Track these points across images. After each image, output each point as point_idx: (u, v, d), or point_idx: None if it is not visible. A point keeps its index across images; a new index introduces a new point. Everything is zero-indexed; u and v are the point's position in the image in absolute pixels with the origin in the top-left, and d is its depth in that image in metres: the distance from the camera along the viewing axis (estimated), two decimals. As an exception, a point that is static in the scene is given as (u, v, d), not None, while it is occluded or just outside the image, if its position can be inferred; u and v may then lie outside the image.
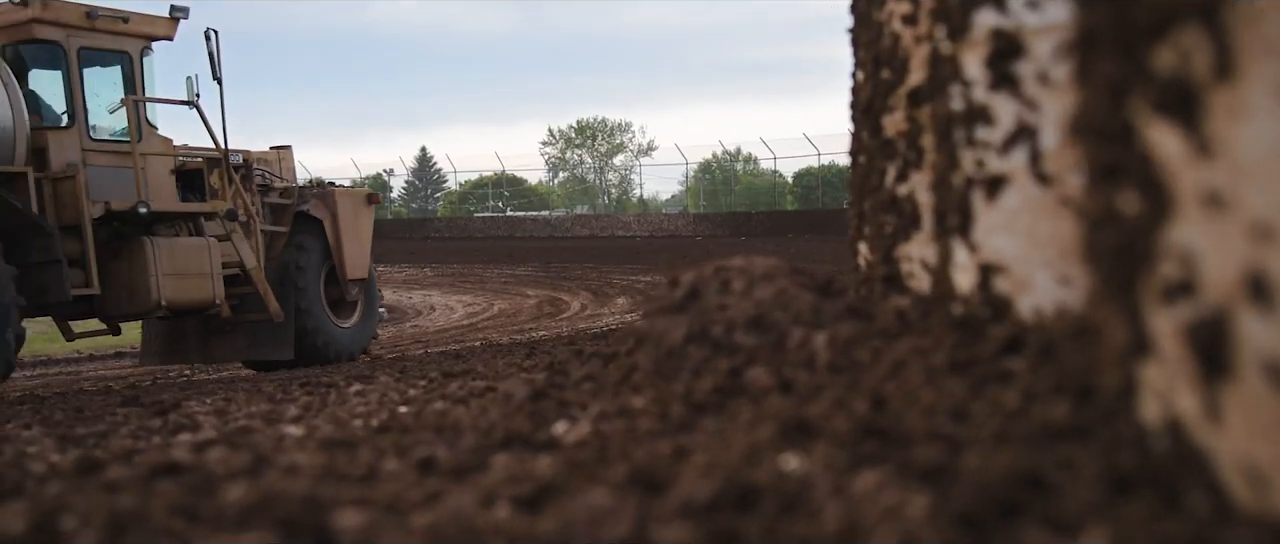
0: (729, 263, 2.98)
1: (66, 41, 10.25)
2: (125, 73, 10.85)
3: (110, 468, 2.18)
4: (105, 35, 10.53)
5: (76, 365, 18.73)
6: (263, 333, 11.77)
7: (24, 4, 9.83)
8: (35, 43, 10.12)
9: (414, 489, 1.74)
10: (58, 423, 4.75)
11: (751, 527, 1.35)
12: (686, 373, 2.69)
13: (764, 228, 47.40)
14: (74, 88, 10.33)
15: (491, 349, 12.17)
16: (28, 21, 9.91)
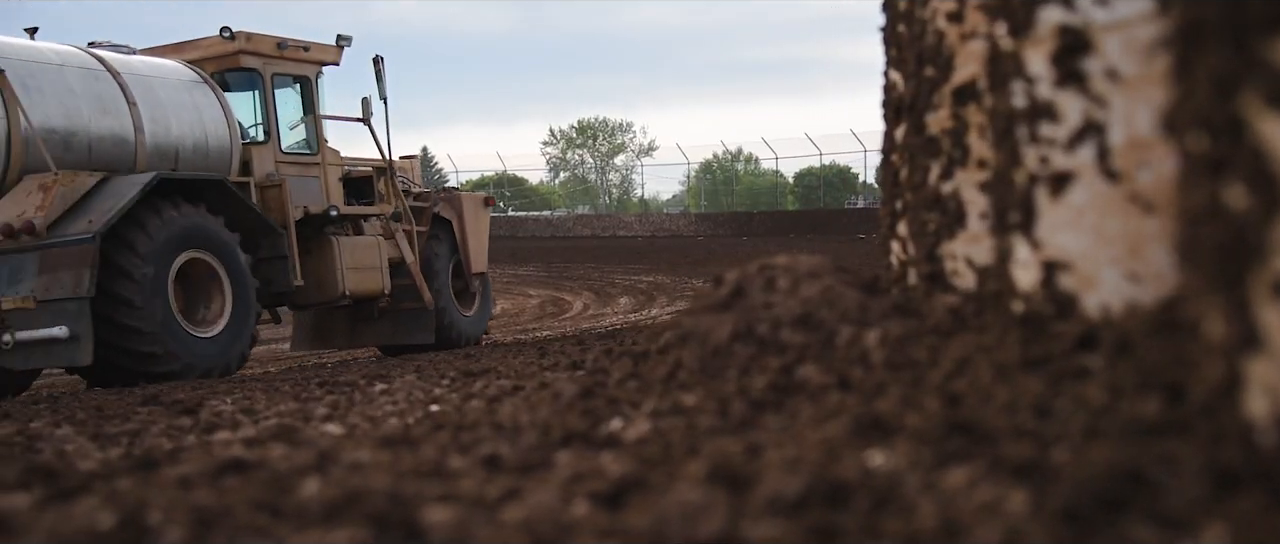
0: (773, 261, 2.98)
1: (263, 68, 11.93)
2: (304, 94, 12.51)
3: (173, 465, 2.18)
4: (291, 62, 12.21)
5: (80, 365, 18.80)
6: (407, 320, 13.15)
7: (231, 38, 11.62)
8: (238, 70, 11.82)
9: (488, 485, 1.74)
10: (83, 421, 4.74)
11: (847, 522, 1.35)
12: (734, 371, 2.69)
13: (766, 227, 47.42)
14: (269, 108, 11.99)
15: (501, 348, 12.16)
16: (235, 52, 11.70)
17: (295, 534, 1.49)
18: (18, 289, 9.10)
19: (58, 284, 8.99)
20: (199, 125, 11.02)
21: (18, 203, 9.38)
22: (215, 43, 11.71)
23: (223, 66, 11.78)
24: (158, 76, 10.94)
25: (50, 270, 9.06)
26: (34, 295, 8.97)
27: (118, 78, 10.47)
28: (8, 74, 9.48)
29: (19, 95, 9.51)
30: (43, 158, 9.51)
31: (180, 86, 11.06)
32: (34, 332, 8.94)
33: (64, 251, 9.07)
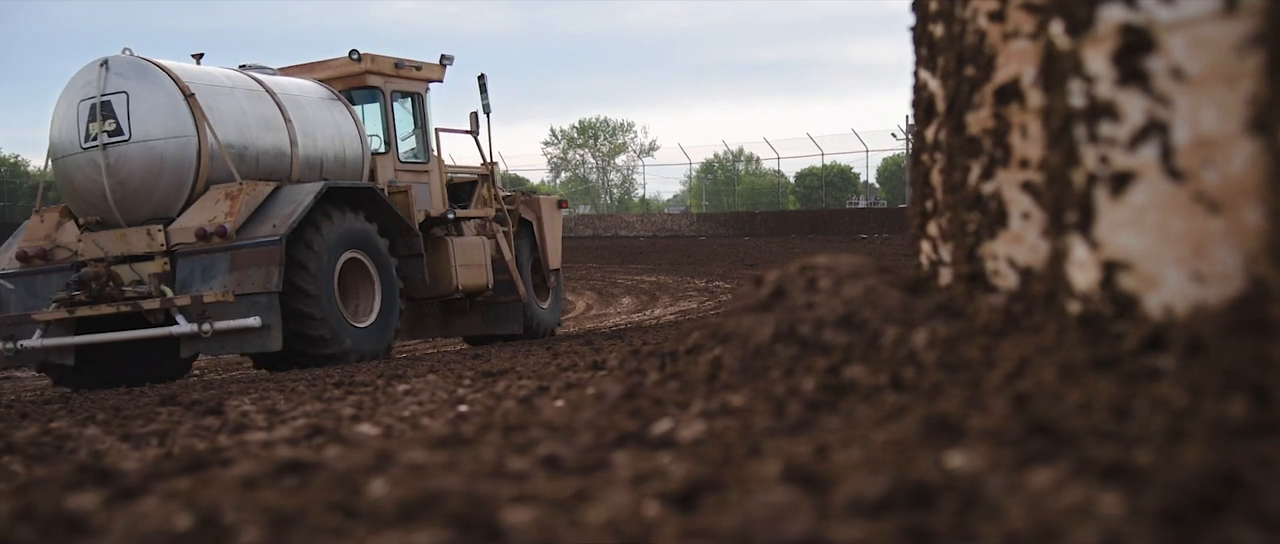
0: (814, 261, 2.97)
1: (384, 86, 13.35)
2: (415, 108, 13.96)
3: (223, 466, 2.18)
4: (405, 80, 13.64)
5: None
6: (499, 312, 14.52)
7: (359, 59, 13.03)
8: (363, 88, 13.22)
9: (555, 486, 1.73)
10: (106, 422, 4.73)
11: (937, 524, 1.34)
12: (777, 371, 2.68)
13: (767, 227, 47.42)
14: (389, 122, 13.41)
15: (509, 349, 12.16)
16: (361, 73, 13.12)
17: (374, 535, 1.48)
18: (211, 285, 10.39)
19: (249, 280, 10.30)
20: (338, 138, 12.46)
21: (206, 209, 10.73)
22: (344, 64, 13.17)
23: (350, 84, 13.18)
24: (303, 95, 12.34)
25: (241, 268, 10.37)
26: (231, 290, 10.25)
27: (274, 97, 11.91)
28: (197, 97, 10.89)
29: (207, 115, 10.90)
30: (228, 169, 10.90)
31: (320, 104, 12.50)
32: (230, 322, 10.20)
33: (254, 252, 10.39)
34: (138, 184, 10.92)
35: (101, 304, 10.62)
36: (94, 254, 10.86)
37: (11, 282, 11.05)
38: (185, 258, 10.64)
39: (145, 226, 10.87)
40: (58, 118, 11.18)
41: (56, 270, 11.00)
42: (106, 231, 10.97)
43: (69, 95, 11.13)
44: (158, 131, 10.86)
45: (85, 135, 10.86)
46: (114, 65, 11.01)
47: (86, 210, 11.18)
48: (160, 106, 10.86)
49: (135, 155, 10.85)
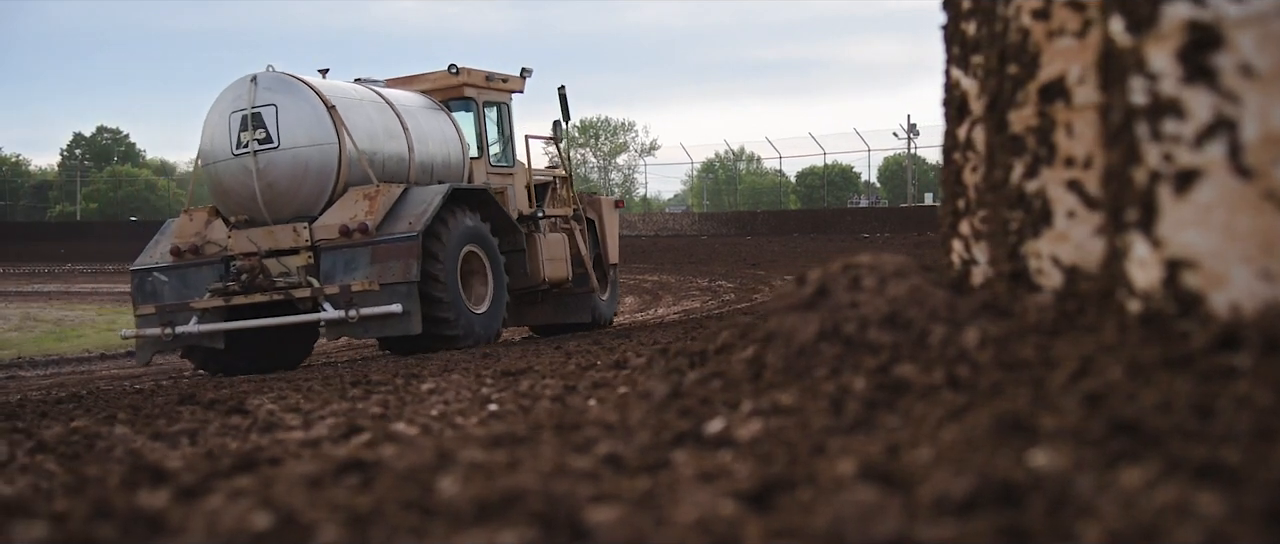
0: (857, 260, 2.96)
1: (477, 96, 14.63)
2: (501, 117, 15.16)
3: (273, 465, 2.17)
4: (495, 91, 14.89)
5: (88, 365, 18.67)
6: (569, 303, 15.61)
7: (457, 73, 14.32)
8: (459, 98, 14.46)
9: (624, 484, 1.72)
10: (130, 421, 4.72)
11: (1033, 523, 1.33)
12: (823, 370, 2.67)
13: (769, 226, 47.41)
14: (482, 129, 14.67)
15: (517, 347, 12.15)
16: (459, 85, 14.41)
17: (456, 534, 1.47)
18: (355, 275, 11.68)
19: (390, 271, 11.57)
20: (444, 145, 13.76)
21: (346, 209, 12.06)
22: (442, 77, 14.47)
23: (447, 95, 14.44)
24: (413, 105, 13.63)
25: (382, 261, 11.65)
26: (375, 280, 11.53)
27: (393, 108, 13.20)
28: (337, 109, 12.26)
29: (346, 125, 12.25)
30: (363, 173, 12.32)
31: (428, 113, 13.82)
32: (375, 308, 11.49)
33: (394, 246, 11.66)
34: (284, 187, 12.19)
35: (254, 293, 11.96)
36: (245, 249, 12.18)
37: (165, 274, 12.43)
38: (328, 252, 11.90)
39: (291, 224, 12.15)
40: (209, 127, 12.48)
41: (206, 264, 12.32)
42: (255, 229, 12.24)
43: (220, 107, 12.41)
44: (303, 140, 12.16)
45: (237, 143, 12.16)
46: (262, 81, 12.33)
47: (235, 210, 12.43)
48: (306, 117, 12.19)
49: (283, 161, 12.13)
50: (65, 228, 59.30)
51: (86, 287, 38.80)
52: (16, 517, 1.57)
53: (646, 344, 10.18)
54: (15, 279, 41.35)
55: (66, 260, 46.92)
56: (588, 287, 15.65)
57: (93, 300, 34.80)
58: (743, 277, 30.20)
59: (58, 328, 27.95)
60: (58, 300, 35.18)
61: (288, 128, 12.14)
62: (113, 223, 59.21)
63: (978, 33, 3.60)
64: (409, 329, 11.59)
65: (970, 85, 3.70)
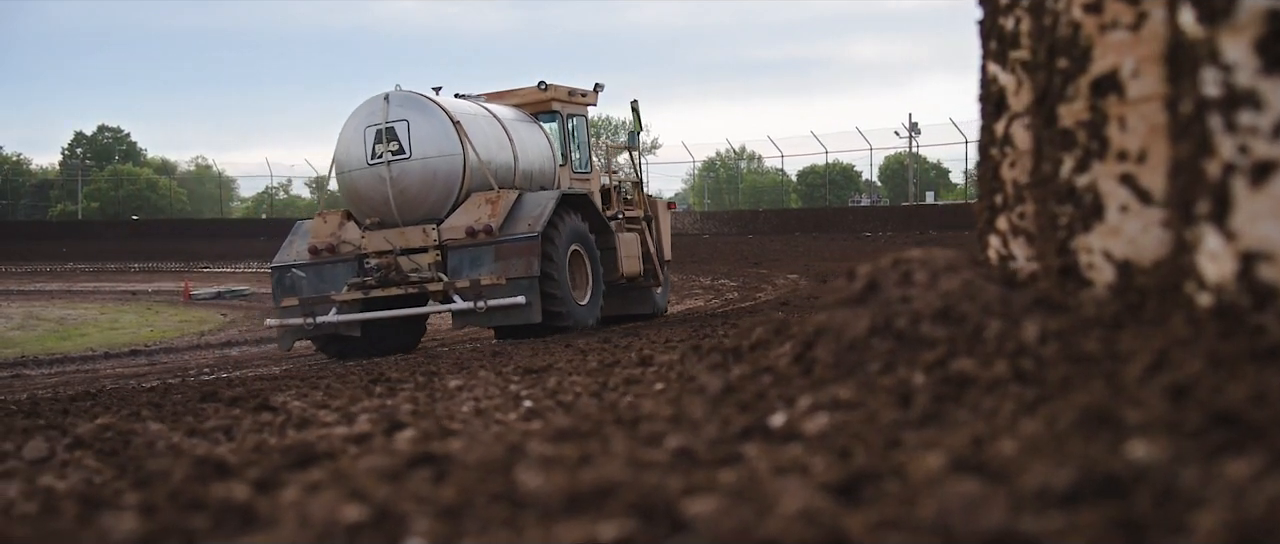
0: (908, 255, 2.95)
1: (562, 109, 16.12)
2: (580, 127, 16.79)
3: (333, 459, 2.16)
4: (575, 104, 16.47)
5: (92, 363, 18.66)
6: (635, 295, 17.03)
7: (545, 89, 15.84)
8: (547, 111, 15.94)
9: (706, 476, 1.71)
10: (160, 417, 4.71)
11: (1141, 514, 1.32)
12: (875, 365, 2.66)
13: (771, 225, 47.39)
14: (567, 139, 16.18)
15: (529, 345, 12.14)
16: (547, 99, 15.90)
17: (558, 525, 1.46)
18: (480, 271, 13.30)
19: (514, 267, 13.20)
20: (539, 154, 15.28)
21: (471, 213, 13.66)
22: (532, 92, 15.95)
23: (536, 109, 15.93)
24: (514, 119, 15.19)
25: (505, 258, 13.26)
26: (502, 275, 13.16)
27: (500, 121, 14.79)
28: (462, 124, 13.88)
29: (469, 137, 13.82)
30: (486, 180, 13.95)
31: (525, 125, 15.35)
32: (501, 300, 13.10)
33: (516, 245, 13.27)
34: (415, 192, 13.78)
35: (390, 287, 13.56)
36: (379, 247, 13.70)
37: (303, 271, 13.99)
38: (455, 250, 13.53)
39: (420, 226, 13.69)
40: (344, 140, 14.05)
41: (341, 261, 13.87)
42: (386, 230, 13.73)
43: (355, 122, 13.99)
44: (433, 151, 13.77)
45: (371, 154, 13.74)
46: (394, 99, 13.90)
47: (368, 213, 13.94)
48: (435, 131, 13.80)
49: (414, 170, 13.72)
50: (66, 227, 59.23)
51: (88, 285, 38.81)
52: (102, 509, 1.56)
53: (658, 341, 10.17)
54: (17, 278, 41.33)
55: (68, 259, 46.89)
56: (654, 281, 17.21)
57: (94, 299, 34.81)
58: (745, 275, 30.20)
59: (60, 327, 27.95)
60: (60, 299, 35.18)
61: (419, 140, 13.74)
62: (114, 222, 59.15)
63: (1018, 27, 3.59)
64: (530, 318, 13.18)
65: (1008, 81, 3.69)
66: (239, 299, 33.06)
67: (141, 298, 35.08)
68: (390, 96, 13.97)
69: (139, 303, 33.47)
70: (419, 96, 14.11)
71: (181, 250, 47.86)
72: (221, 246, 48.95)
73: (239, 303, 32.09)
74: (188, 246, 49.13)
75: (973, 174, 67.99)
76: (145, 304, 33.05)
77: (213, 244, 50.09)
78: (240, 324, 26.48)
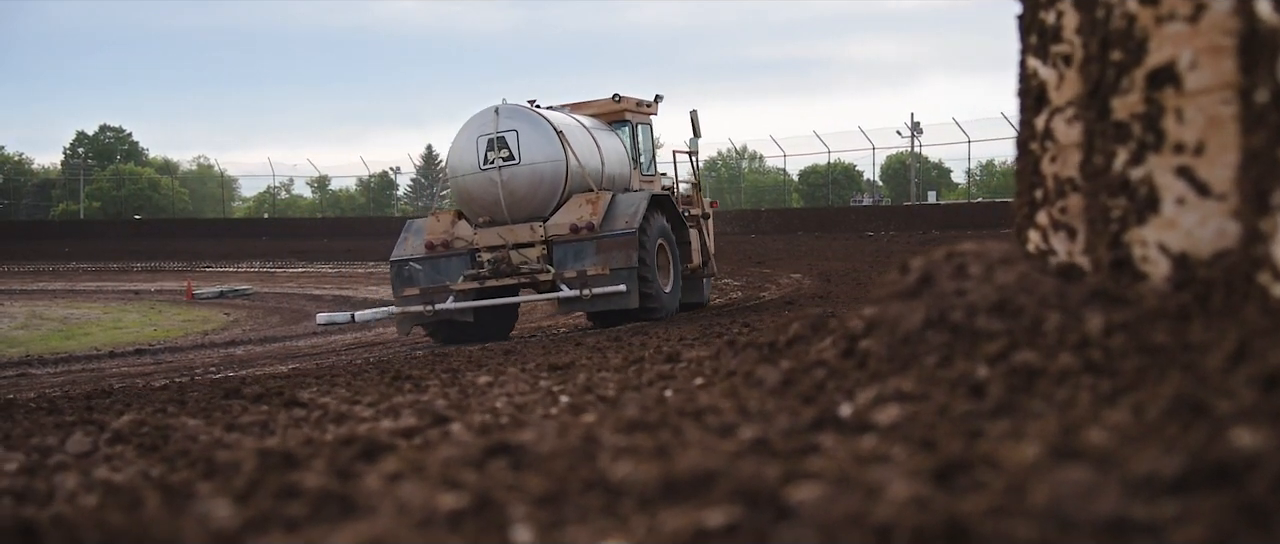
0: (961, 248, 2.95)
1: (632, 118, 17.86)
2: (646, 134, 18.59)
3: (396, 452, 2.15)
4: (641, 114, 18.17)
5: (97, 362, 18.62)
6: (689, 284, 17.99)
7: (618, 101, 17.57)
8: (620, 120, 17.67)
9: (790, 465, 1.70)
10: (192, 413, 4.70)
11: (1260, 500, 1.32)
12: (931, 357, 2.65)
13: (773, 225, 47.36)
14: (638, 145, 17.96)
15: (543, 343, 12.12)
16: (620, 110, 17.62)
17: (663, 511, 1.45)
18: (583, 263, 15.04)
19: (614, 259, 14.94)
20: (619, 159, 17.01)
21: (573, 212, 15.34)
22: (607, 103, 17.66)
23: (611, 118, 17.60)
24: (595, 127, 16.85)
25: (606, 251, 15.00)
26: (606, 266, 14.86)
27: (588, 129, 16.47)
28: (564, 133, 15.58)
29: (570, 145, 15.52)
30: (585, 183, 15.67)
31: (605, 133, 17.04)
32: (604, 288, 14.80)
33: (616, 240, 15.04)
34: (523, 194, 15.42)
35: (504, 278, 15.31)
36: (491, 243, 15.49)
37: (420, 264, 15.66)
38: (559, 245, 15.25)
39: (527, 224, 15.37)
40: (458, 148, 15.75)
41: (454, 255, 15.61)
42: (497, 228, 15.44)
43: (467, 132, 15.68)
44: (539, 157, 15.39)
45: (483, 160, 15.45)
46: (503, 111, 15.62)
47: (479, 213, 15.64)
48: (541, 140, 15.45)
49: (523, 175, 15.37)
50: (69, 226, 59.21)
51: (91, 285, 38.77)
52: (193, 498, 1.56)
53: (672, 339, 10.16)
54: (20, 277, 41.30)
55: (70, 259, 46.87)
56: (708, 272, 18.92)
57: (97, 299, 34.76)
58: (748, 274, 30.17)
59: (64, 326, 27.91)
60: (62, 299, 35.14)
61: (526, 148, 15.42)
62: (115, 221, 59.14)
63: (1060, 21, 3.58)
64: (629, 304, 14.91)
65: (1049, 75, 3.68)
66: (242, 298, 33.05)
67: (144, 297, 35.07)
68: (499, 110, 15.74)
69: (142, 302, 33.45)
70: (525, 109, 15.98)
71: (184, 250, 47.87)
72: (224, 246, 48.95)
73: (242, 302, 32.07)
74: (190, 246, 49.14)
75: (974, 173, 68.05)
76: (148, 303, 33.03)
77: (215, 244, 50.10)
78: (243, 323, 26.45)
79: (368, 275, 37.75)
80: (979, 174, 68.82)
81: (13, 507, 2.45)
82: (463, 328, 15.66)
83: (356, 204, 75.98)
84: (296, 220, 60.50)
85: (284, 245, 48.71)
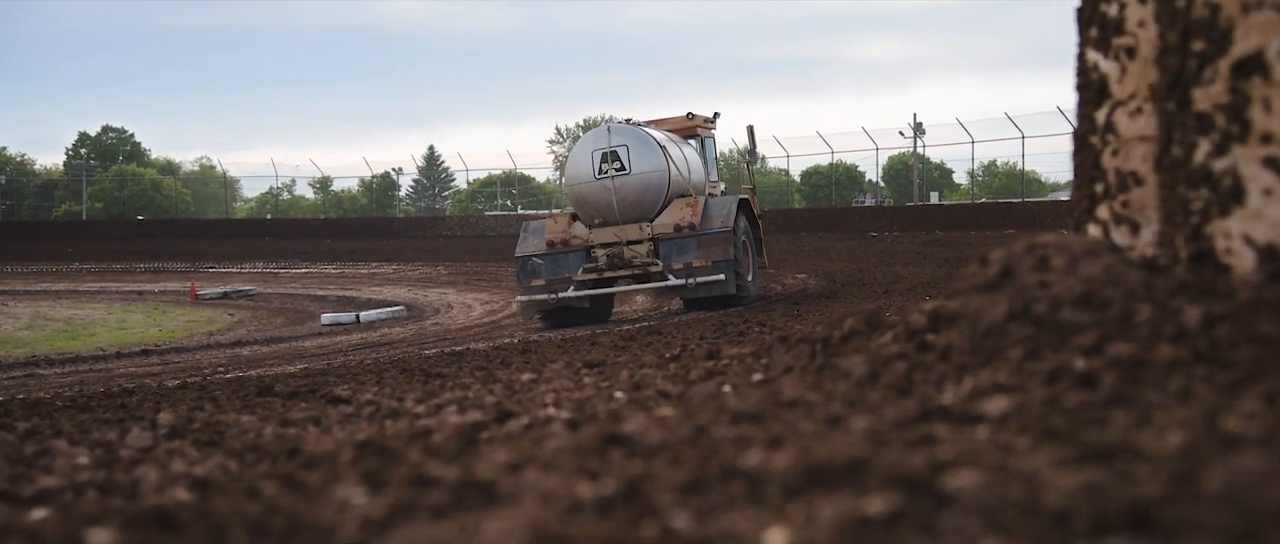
0: (1043, 240, 2.92)
1: (701, 132, 20.76)
2: (711, 147, 21.56)
3: (492, 443, 2.12)
4: (706, 128, 21.06)
5: (105, 363, 18.56)
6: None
7: (691, 118, 20.48)
8: (692, 135, 20.37)
9: (936, 453, 1.67)
10: (241, 408, 4.66)
11: None
12: (1016, 350, 2.62)
13: (777, 225, 47.25)
14: (707, 156, 20.87)
15: (561, 344, 12.09)
16: (693, 126, 20.53)
17: (820, 498, 1.42)
18: (686, 257, 17.72)
19: (714, 253, 17.66)
20: (697, 168, 19.73)
21: (675, 213, 18.14)
22: (681, 120, 20.49)
23: (684, 132, 20.26)
24: (679, 141, 19.48)
25: (706, 247, 17.72)
26: (708, 259, 17.58)
27: (677, 144, 19.16)
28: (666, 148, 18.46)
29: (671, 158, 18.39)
30: (684, 189, 18.66)
31: (686, 146, 19.65)
32: (706, 277, 17.56)
33: (715, 237, 17.76)
34: (632, 199, 18.14)
35: (619, 270, 18.11)
36: (605, 240, 18.18)
37: (542, 260, 18.32)
38: (665, 242, 18.01)
39: (636, 224, 18.12)
40: (575, 161, 18.56)
41: (572, 252, 18.30)
42: (609, 228, 18.17)
43: (583, 147, 18.56)
44: (646, 168, 18.16)
45: (598, 171, 18.19)
46: (614, 130, 18.47)
47: (594, 216, 18.32)
48: (647, 154, 18.24)
49: (632, 183, 18.13)
50: (71, 227, 59.15)
51: (94, 286, 38.70)
52: (331, 483, 1.52)
53: (692, 337, 10.13)
54: (23, 278, 41.25)
55: (73, 260, 46.83)
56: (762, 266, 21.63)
57: (101, 299, 34.70)
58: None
59: (69, 326, 27.84)
60: (66, 299, 35.09)
61: (636, 160, 18.21)
62: (118, 222, 59.09)
63: (1123, 14, 3.56)
64: (727, 291, 17.58)
65: (1111, 68, 3.65)
66: (245, 299, 33.01)
67: (148, 298, 35.03)
68: (611, 129, 18.65)
69: (146, 303, 33.40)
70: (633, 127, 18.92)
71: (186, 250, 47.83)
72: (226, 247, 48.92)
73: (246, 302, 32.03)
74: (193, 247, 49.10)
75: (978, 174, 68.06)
76: (152, 304, 32.99)
77: (217, 244, 50.05)
78: (248, 324, 26.40)
79: (371, 276, 37.76)
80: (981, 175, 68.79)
81: (100, 499, 2.41)
82: (576, 312, 18.38)
83: (359, 205, 75.94)
84: (299, 221, 60.46)
85: (287, 246, 48.69)
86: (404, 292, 31.62)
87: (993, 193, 69.06)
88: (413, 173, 77.89)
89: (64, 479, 2.59)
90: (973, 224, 41.09)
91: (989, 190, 70.97)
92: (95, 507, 2.10)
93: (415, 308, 26.83)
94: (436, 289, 31.98)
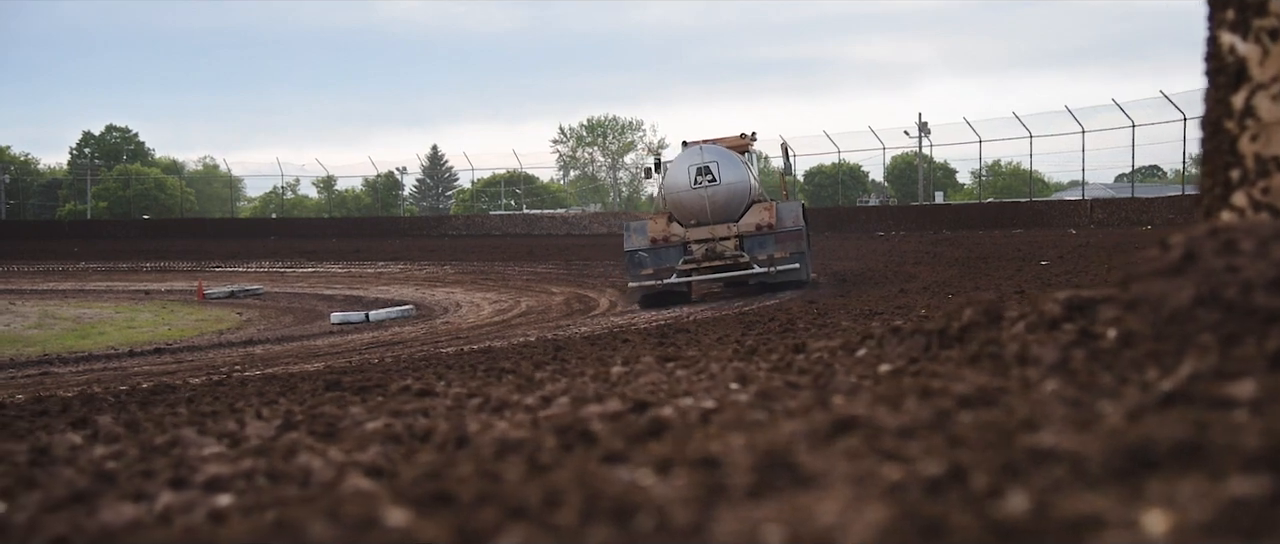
0: (1228, 223, 2.81)
1: (750, 147, 23.96)
2: (756, 161, 24.61)
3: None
4: (751, 145, 24.14)
5: (118, 361, 18.45)
6: None
7: (744, 137, 23.94)
8: (744, 150, 23.51)
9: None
10: (319, 404, 4.56)
11: None
12: (1207, 336, 2.52)
13: (783, 225, 47.13)
14: (754, 170, 23.61)
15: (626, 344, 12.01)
16: (744, 143, 23.81)
17: (1178, 481, 1.31)
18: (767, 250, 21.71)
19: (788, 246, 21.78)
20: (755, 179, 23.11)
21: (756, 215, 22.04)
22: (737, 138, 23.88)
23: (738, 148, 23.46)
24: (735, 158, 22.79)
25: (783, 241, 21.76)
26: (785, 251, 21.62)
27: (743, 160, 22.83)
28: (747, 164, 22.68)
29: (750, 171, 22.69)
30: (760, 196, 22.90)
31: (747, 161, 23.11)
32: (785, 266, 21.57)
33: (789, 234, 21.85)
34: (722, 204, 22.10)
35: (714, 261, 21.87)
36: (701, 237, 22.07)
37: (647, 253, 22.17)
38: (748, 239, 21.97)
39: (725, 224, 22.05)
40: (673, 174, 22.50)
41: (671, 247, 22.17)
42: (703, 228, 22.09)
43: (680, 163, 22.46)
44: (733, 180, 22.18)
45: (693, 182, 22.23)
46: (706, 150, 22.43)
47: (690, 218, 22.21)
48: (732, 168, 22.25)
49: (722, 192, 22.12)
50: (76, 226, 59.02)
51: (101, 285, 38.58)
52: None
53: (723, 338, 10.04)
54: (29, 277, 41.14)
55: (79, 259, 46.73)
56: None
57: (108, 298, 34.58)
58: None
59: (77, 325, 27.72)
60: (73, 298, 34.98)
61: (724, 173, 22.22)
62: (123, 222, 58.98)
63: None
64: (801, 277, 21.74)
65: (1250, 51, 3.56)
66: (253, 298, 32.89)
67: (155, 297, 34.91)
68: (703, 148, 22.66)
69: (153, 302, 33.28)
70: (720, 147, 22.90)
71: (192, 250, 47.75)
72: (231, 246, 48.84)
73: (253, 301, 31.93)
74: (198, 246, 49.03)
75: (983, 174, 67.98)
76: (159, 303, 32.87)
77: (223, 244, 49.98)
78: (257, 323, 26.28)
79: (377, 275, 37.68)
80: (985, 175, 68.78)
81: (271, 487, 2.30)
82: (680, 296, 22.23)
83: (363, 204, 75.88)
84: (304, 220, 60.37)
85: (292, 245, 48.62)
86: (412, 291, 31.51)
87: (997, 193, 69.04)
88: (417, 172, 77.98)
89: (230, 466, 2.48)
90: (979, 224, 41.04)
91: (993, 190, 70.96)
92: (367, 487, 1.99)
93: (424, 307, 26.72)
94: (444, 288, 31.86)
